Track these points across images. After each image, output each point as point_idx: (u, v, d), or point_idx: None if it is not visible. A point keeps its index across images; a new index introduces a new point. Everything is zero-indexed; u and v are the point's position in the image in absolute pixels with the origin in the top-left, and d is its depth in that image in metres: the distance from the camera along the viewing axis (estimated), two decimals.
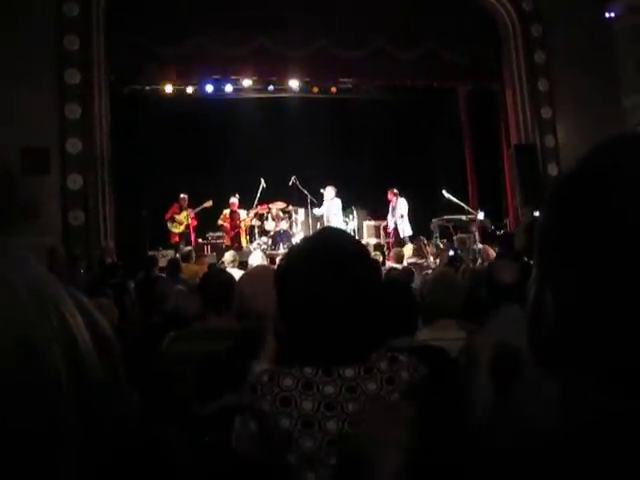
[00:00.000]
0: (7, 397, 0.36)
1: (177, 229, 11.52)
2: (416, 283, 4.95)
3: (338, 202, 12.00)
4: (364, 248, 1.64)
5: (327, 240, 1.50)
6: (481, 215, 10.55)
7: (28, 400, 0.37)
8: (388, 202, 12.23)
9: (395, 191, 12.09)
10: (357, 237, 10.25)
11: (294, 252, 1.52)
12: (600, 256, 0.60)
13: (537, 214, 7.10)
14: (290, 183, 12.04)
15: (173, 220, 11.53)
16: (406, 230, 11.80)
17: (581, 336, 0.62)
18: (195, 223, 11.69)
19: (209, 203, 11.53)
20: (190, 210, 11.54)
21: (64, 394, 0.38)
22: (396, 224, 11.97)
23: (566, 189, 0.66)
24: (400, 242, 11.37)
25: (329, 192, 11.93)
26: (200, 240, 11.84)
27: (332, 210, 11.92)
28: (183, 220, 11.50)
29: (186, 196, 11.60)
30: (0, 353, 0.37)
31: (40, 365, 0.38)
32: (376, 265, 1.61)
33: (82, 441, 0.39)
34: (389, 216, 12.23)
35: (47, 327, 0.40)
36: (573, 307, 0.62)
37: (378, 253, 9.25)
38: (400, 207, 11.93)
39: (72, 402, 0.39)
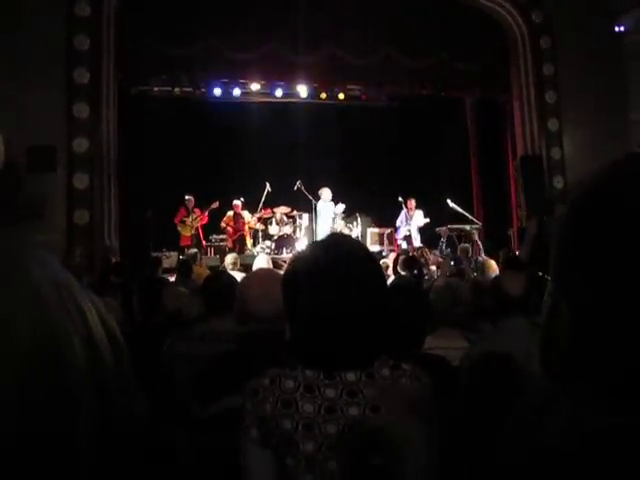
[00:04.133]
0: (32, 386, 0.36)
1: (188, 232, 11.61)
2: None
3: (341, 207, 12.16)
4: (371, 255, 1.64)
5: (334, 246, 1.50)
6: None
7: (52, 387, 0.37)
8: (400, 210, 12.28)
9: (414, 202, 12.21)
10: None
11: (302, 257, 1.52)
12: (615, 268, 0.61)
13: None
14: (295, 188, 12.05)
15: (183, 223, 11.64)
16: (417, 240, 11.88)
17: (593, 347, 0.62)
18: (206, 221, 11.80)
19: (216, 204, 11.65)
20: (198, 211, 11.64)
21: (85, 383, 0.39)
22: (410, 232, 12.02)
23: (584, 204, 0.67)
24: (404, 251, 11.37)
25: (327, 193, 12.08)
26: (204, 242, 11.89)
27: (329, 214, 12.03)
28: (192, 223, 11.61)
29: (192, 197, 11.70)
30: (25, 344, 0.37)
31: (63, 357, 0.38)
32: (382, 272, 1.60)
33: (99, 433, 0.40)
34: (402, 225, 12.25)
35: (67, 320, 0.40)
36: (588, 317, 0.63)
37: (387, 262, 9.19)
38: (417, 218, 12.05)
39: (93, 392, 0.39)
